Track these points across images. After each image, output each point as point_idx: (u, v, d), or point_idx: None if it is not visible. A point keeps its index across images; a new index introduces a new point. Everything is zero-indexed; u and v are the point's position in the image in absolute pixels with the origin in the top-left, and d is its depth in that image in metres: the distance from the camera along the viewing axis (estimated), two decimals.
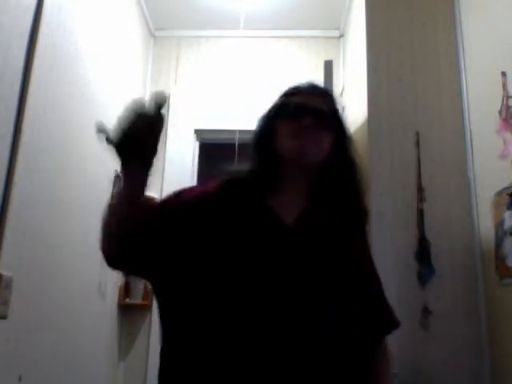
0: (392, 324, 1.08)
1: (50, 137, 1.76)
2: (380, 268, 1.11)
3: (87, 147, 2.15)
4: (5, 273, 1.44)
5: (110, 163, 2.49)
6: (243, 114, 2.72)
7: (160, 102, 0.91)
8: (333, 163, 1.06)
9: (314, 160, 1.04)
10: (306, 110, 1.03)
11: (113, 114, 2.67)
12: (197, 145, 3.19)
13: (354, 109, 2.67)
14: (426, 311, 1.99)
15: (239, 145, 2.68)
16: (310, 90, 1.10)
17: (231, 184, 1.06)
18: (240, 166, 1.12)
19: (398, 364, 1.92)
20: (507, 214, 1.78)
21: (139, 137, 0.91)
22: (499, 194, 1.84)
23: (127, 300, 2.67)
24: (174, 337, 0.95)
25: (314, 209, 1.04)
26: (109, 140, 0.92)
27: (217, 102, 3.10)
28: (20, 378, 1.54)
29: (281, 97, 1.12)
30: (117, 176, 2.53)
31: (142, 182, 0.99)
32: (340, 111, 1.12)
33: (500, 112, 1.83)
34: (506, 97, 1.80)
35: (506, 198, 1.78)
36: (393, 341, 1.07)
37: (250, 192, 1.04)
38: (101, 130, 0.91)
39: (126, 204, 1.00)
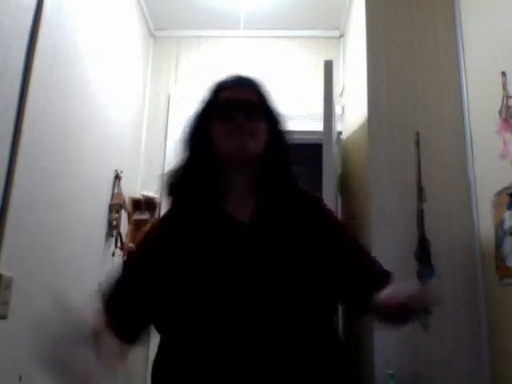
0: (385, 274, 1.07)
1: (49, 137, 1.76)
2: None
3: (87, 147, 2.15)
4: (5, 273, 1.44)
5: (110, 163, 2.49)
6: None
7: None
8: (271, 155, 1.06)
9: (254, 153, 1.03)
10: (236, 105, 1.03)
11: (113, 114, 2.69)
12: None
13: (354, 109, 2.67)
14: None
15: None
16: (237, 83, 1.10)
17: (181, 199, 1.07)
18: (175, 169, 1.09)
19: (397, 364, 1.92)
20: (507, 214, 1.78)
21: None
22: (499, 193, 1.84)
23: None
24: (162, 343, 0.98)
25: (264, 204, 1.04)
26: None
27: None
28: (20, 378, 1.54)
29: (209, 93, 1.11)
30: (116, 176, 2.54)
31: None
32: (269, 98, 1.11)
33: (500, 112, 1.83)
34: (506, 97, 1.80)
35: (506, 198, 1.78)
36: (393, 341, 1.07)
37: (201, 202, 1.03)
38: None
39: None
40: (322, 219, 1.08)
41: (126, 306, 0.99)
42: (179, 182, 1.08)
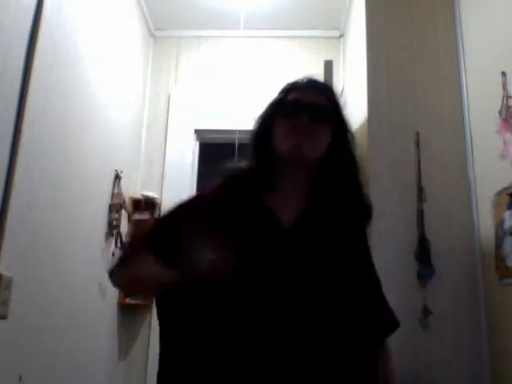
0: (392, 325, 1.07)
1: (49, 137, 1.76)
2: (380, 268, 1.11)
3: (87, 147, 2.15)
4: (5, 273, 1.44)
5: (110, 163, 2.49)
6: (243, 114, 2.72)
7: None
8: (331, 160, 1.05)
9: (311, 157, 1.03)
10: (301, 106, 1.02)
11: (113, 114, 2.69)
12: (197, 145, 3.19)
13: (353, 109, 2.67)
14: (425, 311, 1.99)
15: (239, 145, 2.68)
16: (308, 85, 1.09)
17: (229, 185, 1.06)
18: (239, 163, 1.11)
19: (397, 364, 1.92)
20: (507, 214, 1.78)
21: None
22: (499, 193, 1.84)
23: (127, 300, 2.67)
24: (172, 340, 0.96)
25: (311, 210, 1.03)
26: None
27: (217, 101, 3.10)
28: (20, 378, 1.54)
29: (279, 93, 1.11)
30: (116, 176, 2.54)
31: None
32: (340, 105, 1.10)
33: (500, 112, 1.83)
34: (506, 97, 1.80)
35: (506, 198, 1.78)
36: (393, 341, 1.07)
37: (248, 193, 1.03)
38: None
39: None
40: (360, 242, 1.08)
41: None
42: (236, 172, 1.08)
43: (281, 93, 1.11)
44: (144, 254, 0.98)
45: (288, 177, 1.05)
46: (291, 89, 1.10)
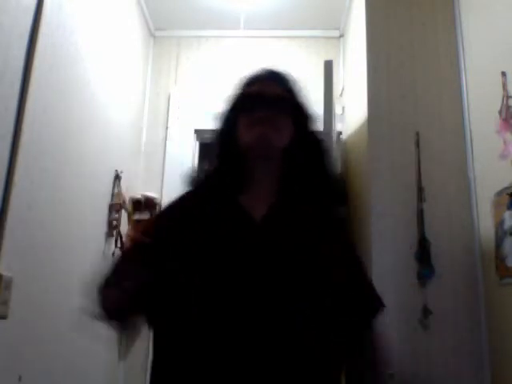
0: (377, 306, 1.06)
1: (49, 137, 1.76)
2: (380, 268, 1.11)
3: (87, 147, 2.15)
4: (5, 273, 1.44)
5: (110, 163, 2.49)
6: None
7: None
8: (297, 149, 1.05)
9: (276, 145, 1.02)
10: (260, 98, 1.02)
11: (113, 114, 2.68)
12: (197, 145, 3.19)
13: (354, 109, 2.67)
14: (426, 311, 1.99)
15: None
16: (265, 77, 1.09)
17: (200, 189, 1.06)
18: (205, 165, 1.11)
19: (397, 364, 1.92)
20: (507, 214, 1.78)
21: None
22: (499, 193, 1.84)
23: None
24: (161, 340, 0.97)
25: (281, 203, 1.02)
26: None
27: (217, 101, 3.09)
28: (20, 378, 1.54)
29: (237, 88, 1.11)
30: (116, 176, 2.54)
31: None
32: (299, 94, 1.10)
33: (500, 112, 1.83)
34: (506, 97, 1.80)
35: (506, 198, 1.78)
36: (393, 341, 1.07)
37: (219, 193, 1.03)
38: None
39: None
40: (334, 228, 1.07)
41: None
42: (203, 174, 1.09)
43: (241, 87, 1.11)
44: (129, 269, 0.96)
45: (257, 172, 1.05)
46: (249, 82, 1.10)
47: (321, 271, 0.95)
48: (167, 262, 0.95)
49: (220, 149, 1.10)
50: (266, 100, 1.02)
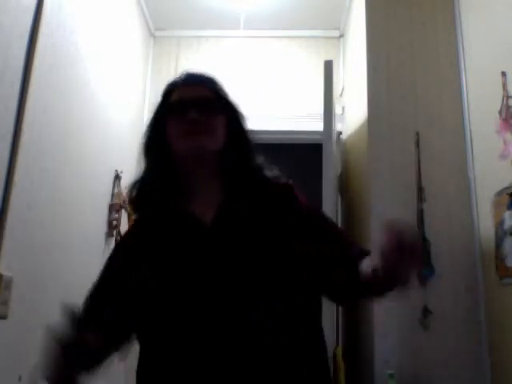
0: (361, 253, 0.98)
1: (49, 137, 1.76)
2: None
3: (87, 147, 2.15)
4: (5, 273, 1.44)
5: (110, 163, 2.49)
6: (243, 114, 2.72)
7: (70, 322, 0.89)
8: (231, 148, 1.03)
9: (212, 150, 1.01)
10: (188, 102, 1.01)
11: (113, 114, 2.68)
12: None
13: (354, 109, 2.67)
14: (426, 311, 1.99)
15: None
16: (189, 81, 1.08)
17: (145, 206, 1.06)
18: (137, 181, 1.07)
19: (397, 364, 1.92)
20: (507, 214, 1.78)
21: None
22: (499, 194, 1.84)
23: None
24: (142, 346, 1.00)
25: (227, 204, 1.01)
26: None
27: None
28: (20, 378, 1.54)
29: (161, 96, 1.10)
30: (116, 176, 2.54)
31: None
32: (224, 93, 1.09)
33: (500, 112, 1.83)
34: (506, 97, 1.80)
35: (506, 198, 1.78)
36: (393, 340, 1.07)
37: (165, 206, 1.02)
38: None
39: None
40: (292, 209, 1.03)
41: (105, 316, 1.00)
42: (142, 191, 1.06)
43: (163, 96, 1.10)
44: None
45: (196, 177, 1.03)
46: (172, 89, 1.08)
47: (280, 265, 0.93)
48: (127, 279, 0.98)
49: (151, 159, 1.07)
50: (194, 103, 1.00)
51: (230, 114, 1.06)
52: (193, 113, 0.98)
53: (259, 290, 0.91)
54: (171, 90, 1.08)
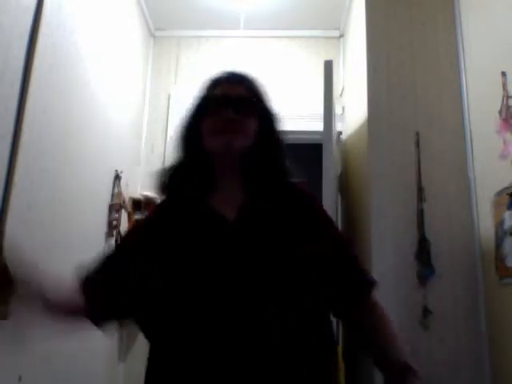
0: (368, 284, 1.05)
1: (50, 137, 1.76)
2: (380, 268, 1.11)
3: (87, 147, 2.15)
4: None
5: (110, 163, 2.49)
6: None
7: None
8: (260, 150, 1.05)
9: (240, 151, 1.02)
10: (225, 100, 1.02)
11: (113, 114, 2.68)
12: None
13: (354, 109, 2.67)
14: (426, 311, 1.99)
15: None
16: (229, 79, 1.09)
17: (170, 195, 1.07)
18: (171, 170, 1.09)
19: None
20: (507, 214, 1.78)
21: None
22: (499, 193, 1.84)
23: None
24: (153, 346, 0.98)
25: (251, 203, 1.02)
26: None
27: None
28: (20, 378, 1.54)
29: (200, 91, 1.11)
30: (116, 176, 2.54)
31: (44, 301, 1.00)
32: (262, 95, 1.10)
33: (500, 112, 1.83)
34: (506, 97, 1.80)
35: (506, 198, 1.78)
36: None
37: (190, 197, 1.03)
38: None
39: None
40: (311, 218, 1.05)
41: (104, 291, 1.00)
42: (170, 179, 1.08)
43: (203, 90, 1.11)
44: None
45: (224, 174, 1.05)
46: (212, 85, 1.10)
47: (297, 267, 0.94)
48: (144, 266, 0.97)
49: (185, 153, 1.09)
50: (231, 102, 1.02)
51: (264, 116, 1.07)
52: (229, 111, 1.01)
53: (271, 290, 0.91)
54: (213, 86, 1.09)
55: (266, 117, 1.08)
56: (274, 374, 0.86)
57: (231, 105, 1.01)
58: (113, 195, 2.50)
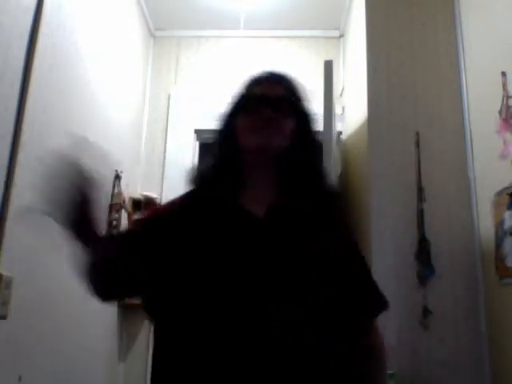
0: (379, 306, 1.06)
1: (50, 137, 1.76)
2: (380, 268, 1.11)
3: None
4: (5, 273, 1.44)
5: (110, 163, 2.49)
6: None
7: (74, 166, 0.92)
8: (296, 151, 1.05)
9: (276, 150, 1.03)
10: (263, 99, 1.03)
11: (113, 114, 2.68)
12: (197, 145, 3.19)
13: (354, 109, 2.67)
14: (426, 311, 1.99)
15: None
16: (268, 79, 1.10)
17: (200, 188, 1.07)
18: (205, 165, 1.11)
19: (397, 364, 1.92)
20: (507, 214, 1.78)
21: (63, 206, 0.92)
22: (499, 193, 1.84)
23: (127, 300, 2.67)
24: (162, 338, 0.96)
25: (282, 202, 1.03)
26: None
27: (217, 101, 3.09)
28: (20, 378, 1.54)
29: (240, 89, 1.12)
30: (116, 176, 2.54)
31: (87, 240, 1.00)
32: (301, 95, 1.11)
33: (500, 112, 1.83)
34: (506, 97, 1.80)
35: (506, 198, 1.78)
36: (393, 341, 1.07)
37: (221, 193, 1.04)
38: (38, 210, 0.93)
39: (90, 254, 1.01)
40: (338, 223, 1.07)
41: (120, 261, 0.99)
42: (203, 173, 1.09)
43: (242, 88, 1.12)
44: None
45: (256, 173, 1.05)
46: (251, 83, 1.11)
47: (320, 271, 0.95)
48: (168, 255, 0.96)
49: (220, 149, 1.10)
50: (268, 101, 1.02)
51: (302, 116, 1.08)
52: (268, 110, 1.01)
53: (288, 291, 0.91)
54: (252, 85, 1.10)
55: (303, 117, 1.09)
56: (287, 374, 0.86)
57: (270, 104, 1.02)
58: (113, 195, 2.49)
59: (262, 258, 0.92)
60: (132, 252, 1.00)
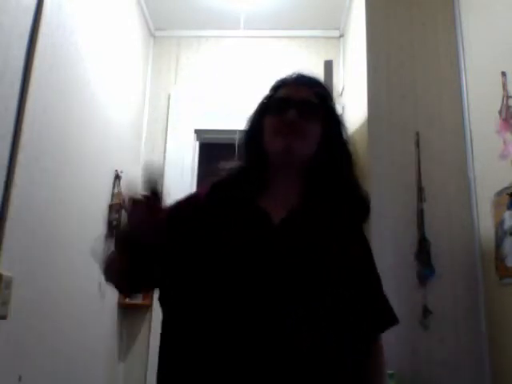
0: (390, 320, 1.06)
1: (50, 137, 1.76)
2: (380, 268, 1.11)
3: (87, 147, 2.15)
4: (5, 273, 1.44)
5: (110, 163, 2.49)
6: (243, 114, 2.72)
7: (153, 181, 0.90)
8: (323, 155, 1.03)
9: (301, 155, 1.01)
10: (288, 102, 1.01)
11: (113, 114, 2.68)
12: (197, 145, 3.19)
13: (354, 109, 2.67)
14: (426, 311, 1.99)
15: (239, 145, 2.68)
16: (296, 81, 1.09)
17: (222, 186, 1.06)
18: (231, 163, 1.10)
19: (397, 364, 1.92)
20: (507, 214, 1.78)
21: (137, 229, 0.90)
22: (499, 194, 1.84)
23: (127, 300, 2.67)
24: (173, 335, 0.95)
25: (303, 207, 1.01)
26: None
27: (217, 101, 3.10)
28: (20, 378, 1.54)
29: (269, 91, 1.11)
30: (116, 176, 2.54)
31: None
32: (330, 99, 1.09)
33: (500, 112, 1.83)
34: (506, 97, 1.80)
35: (506, 198, 1.78)
36: (393, 340, 1.07)
37: (240, 193, 1.03)
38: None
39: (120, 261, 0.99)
40: (356, 236, 1.06)
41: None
42: (228, 173, 1.08)
43: (270, 90, 1.11)
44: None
45: (280, 176, 1.04)
46: (280, 85, 1.10)
47: (333, 277, 0.94)
48: (182, 253, 0.95)
49: (246, 150, 1.09)
50: (295, 103, 1.01)
51: (329, 122, 1.05)
52: (291, 113, 0.99)
53: (302, 293, 0.91)
54: (279, 86, 1.09)
55: (330, 122, 1.06)
56: (306, 374, 0.86)
57: (294, 107, 1.00)
58: (113, 195, 2.50)
59: (277, 258, 0.92)
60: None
